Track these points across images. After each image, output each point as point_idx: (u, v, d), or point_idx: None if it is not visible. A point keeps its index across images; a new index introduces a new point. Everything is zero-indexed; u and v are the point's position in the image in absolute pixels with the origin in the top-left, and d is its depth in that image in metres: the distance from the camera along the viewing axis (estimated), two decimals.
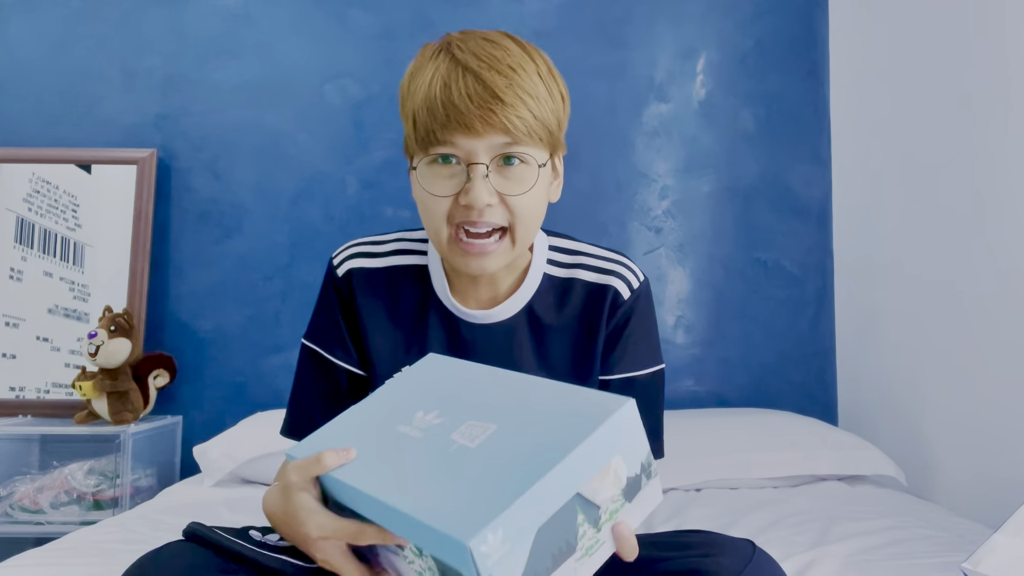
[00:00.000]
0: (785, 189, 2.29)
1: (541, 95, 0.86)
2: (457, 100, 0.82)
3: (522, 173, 0.87)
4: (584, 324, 0.97)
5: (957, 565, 1.08)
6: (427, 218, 0.90)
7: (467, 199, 0.85)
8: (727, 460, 1.72)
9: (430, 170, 0.87)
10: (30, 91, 2.26)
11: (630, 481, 0.62)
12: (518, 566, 0.55)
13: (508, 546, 0.54)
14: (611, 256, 1.00)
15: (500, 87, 0.83)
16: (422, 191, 0.89)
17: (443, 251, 0.91)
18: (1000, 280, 1.60)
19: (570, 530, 0.58)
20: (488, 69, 0.83)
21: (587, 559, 0.60)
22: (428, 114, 0.84)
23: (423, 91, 0.85)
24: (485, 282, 0.97)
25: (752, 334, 2.25)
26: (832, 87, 2.31)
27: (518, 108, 0.83)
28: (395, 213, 2.26)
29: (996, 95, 1.61)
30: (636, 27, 2.28)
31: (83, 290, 2.18)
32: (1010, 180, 1.57)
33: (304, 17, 2.29)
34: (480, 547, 0.53)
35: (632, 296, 0.97)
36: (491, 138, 0.84)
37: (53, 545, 1.26)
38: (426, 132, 0.85)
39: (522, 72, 0.85)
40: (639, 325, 0.98)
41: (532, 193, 0.87)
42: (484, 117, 0.82)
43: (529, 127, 0.84)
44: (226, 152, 2.26)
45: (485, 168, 0.85)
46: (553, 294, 0.98)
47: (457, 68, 0.84)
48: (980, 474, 1.65)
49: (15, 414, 2.09)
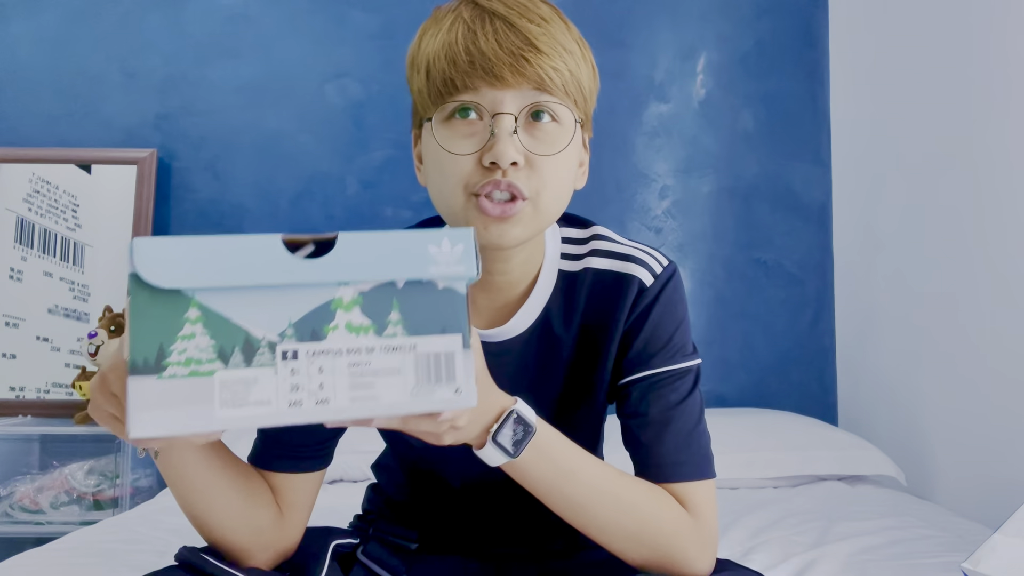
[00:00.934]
0: (785, 189, 2.29)
1: (575, 52, 0.75)
2: (484, 46, 0.71)
3: (554, 132, 0.74)
4: (595, 322, 0.84)
5: (957, 565, 1.08)
6: (440, 183, 0.75)
7: (491, 155, 0.71)
8: (727, 460, 1.72)
9: (446, 126, 0.74)
10: (30, 91, 2.26)
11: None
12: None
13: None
14: (629, 241, 0.88)
15: (534, 33, 0.72)
16: (436, 149, 0.74)
17: (458, 222, 0.76)
18: (1000, 280, 1.60)
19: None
20: (519, 16, 0.73)
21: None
22: (448, 61, 0.72)
23: (442, 39, 0.74)
24: (500, 285, 0.83)
25: (752, 334, 2.25)
26: (832, 87, 2.31)
27: (553, 58, 0.72)
28: (395, 213, 2.25)
29: (996, 95, 1.61)
30: (636, 27, 2.28)
31: (83, 290, 2.18)
32: (1010, 180, 1.57)
33: (304, 17, 2.29)
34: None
35: (657, 283, 0.83)
36: (521, 90, 0.72)
37: (53, 545, 1.26)
38: (444, 82, 0.73)
39: (556, 24, 0.74)
40: (666, 313, 0.83)
41: (563, 156, 0.75)
42: (515, 65, 0.71)
43: (564, 81, 0.73)
44: (226, 152, 2.26)
45: (513, 120, 0.72)
46: (564, 291, 0.85)
47: (483, 14, 0.73)
48: (980, 474, 1.65)
49: (15, 414, 2.09)
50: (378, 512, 1.00)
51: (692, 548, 0.77)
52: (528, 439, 0.70)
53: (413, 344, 0.52)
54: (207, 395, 0.49)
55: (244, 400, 0.49)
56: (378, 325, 0.51)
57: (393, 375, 0.51)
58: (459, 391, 0.52)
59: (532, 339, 0.84)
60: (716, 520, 0.80)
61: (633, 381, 0.83)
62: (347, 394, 0.50)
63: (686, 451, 0.79)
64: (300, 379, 0.50)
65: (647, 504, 0.76)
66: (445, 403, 0.52)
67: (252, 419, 0.49)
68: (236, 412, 0.49)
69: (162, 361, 0.48)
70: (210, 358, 0.49)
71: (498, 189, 0.72)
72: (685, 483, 0.79)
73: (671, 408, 0.81)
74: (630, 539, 0.76)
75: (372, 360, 0.51)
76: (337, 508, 1.18)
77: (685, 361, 0.83)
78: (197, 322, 0.49)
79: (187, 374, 0.48)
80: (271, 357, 0.50)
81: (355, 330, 0.51)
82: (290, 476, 0.81)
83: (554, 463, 0.72)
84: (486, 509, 0.92)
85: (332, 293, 0.51)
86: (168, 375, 0.48)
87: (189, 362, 0.49)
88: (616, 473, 0.77)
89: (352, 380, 0.51)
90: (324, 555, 0.81)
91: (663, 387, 0.81)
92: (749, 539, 1.33)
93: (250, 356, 0.49)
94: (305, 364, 0.50)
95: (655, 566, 0.76)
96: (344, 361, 0.51)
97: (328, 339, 0.51)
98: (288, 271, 0.50)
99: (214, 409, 0.49)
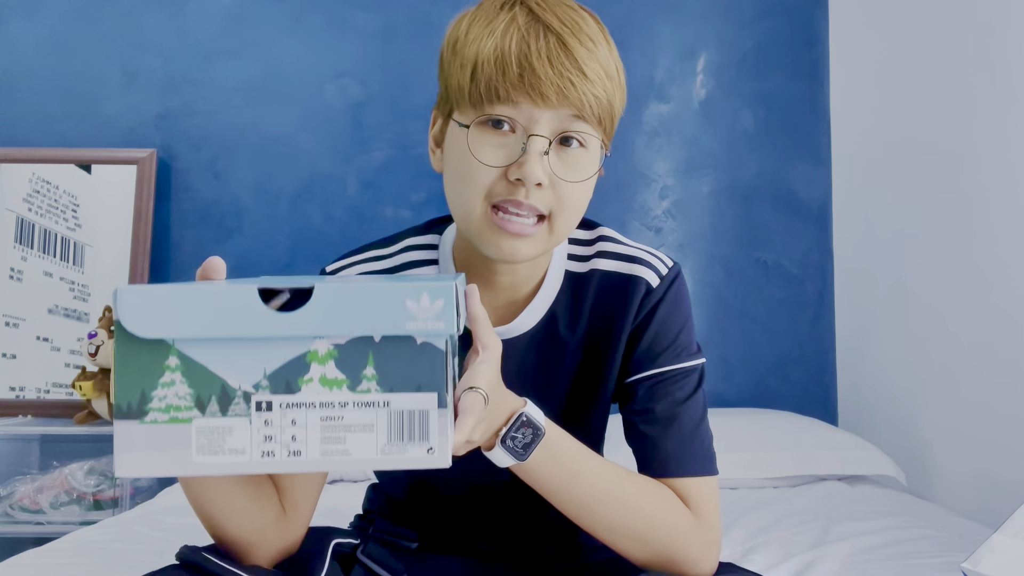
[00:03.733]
0: (785, 189, 2.29)
1: (615, 77, 0.76)
2: (535, 61, 0.71)
3: (581, 158, 0.75)
4: (602, 323, 0.85)
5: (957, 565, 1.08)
6: (460, 187, 0.76)
7: (519, 173, 0.72)
8: (727, 460, 1.71)
9: (478, 131, 0.74)
10: (30, 91, 2.26)
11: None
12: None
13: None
14: (634, 243, 0.88)
15: (584, 58, 0.72)
16: (464, 154, 0.74)
17: (471, 229, 0.76)
18: (1000, 280, 1.60)
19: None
20: (571, 35, 0.73)
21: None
22: (496, 67, 0.72)
23: (494, 40, 0.73)
24: (505, 285, 0.84)
25: (752, 334, 2.25)
26: (832, 87, 2.31)
27: (597, 86, 0.73)
28: (395, 213, 2.25)
29: (996, 95, 1.61)
30: (636, 27, 2.28)
31: (83, 290, 2.18)
32: (1010, 179, 1.57)
33: (304, 17, 2.29)
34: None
35: (663, 284, 0.84)
36: (560, 111, 0.73)
37: (53, 545, 1.26)
38: (488, 87, 0.72)
39: (602, 47, 0.75)
40: (671, 313, 0.84)
41: (586, 184, 0.77)
42: (562, 88, 0.71)
43: (601, 109, 0.74)
44: (226, 152, 2.26)
45: (547, 144, 0.73)
46: (571, 292, 0.86)
47: (538, 24, 0.73)
48: (980, 474, 1.65)
49: (15, 414, 2.09)
50: (379, 512, 1.00)
51: (696, 548, 0.77)
52: (537, 442, 0.70)
53: (387, 400, 0.51)
54: (185, 441, 0.50)
55: (219, 448, 0.51)
56: (352, 380, 0.51)
57: (365, 431, 0.51)
58: (432, 450, 0.52)
59: (537, 339, 0.85)
60: (719, 520, 0.81)
61: (639, 379, 0.84)
62: (318, 447, 0.51)
63: (689, 447, 0.81)
64: (273, 430, 0.51)
65: (652, 504, 0.77)
66: (417, 462, 0.52)
67: (227, 467, 0.51)
68: (212, 459, 0.50)
69: (144, 406, 0.50)
70: (188, 405, 0.51)
71: (519, 209, 0.74)
72: (688, 479, 0.80)
73: (676, 405, 0.82)
74: (635, 538, 0.76)
75: (345, 415, 0.51)
76: (337, 508, 1.18)
77: (690, 360, 0.84)
78: (176, 370, 0.51)
79: (167, 420, 0.50)
80: (246, 407, 0.51)
81: (329, 384, 0.51)
82: (294, 474, 0.81)
83: (562, 464, 0.73)
84: (487, 510, 0.92)
85: (307, 346, 0.51)
86: (150, 420, 0.50)
87: (169, 408, 0.51)
88: (622, 473, 0.77)
89: (324, 434, 0.51)
90: (324, 555, 0.81)
91: (669, 385, 0.83)
92: (749, 539, 1.33)
93: (226, 405, 0.51)
94: (278, 416, 0.51)
95: (659, 565, 0.77)
96: (317, 415, 0.51)
97: (302, 392, 0.51)
98: (264, 324, 0.50)
99: (191, 455, 0.50)
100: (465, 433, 0.57)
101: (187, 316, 0.50)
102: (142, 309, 0.50)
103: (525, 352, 0.85)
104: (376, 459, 0.51)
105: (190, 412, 0.51)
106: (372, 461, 0.52)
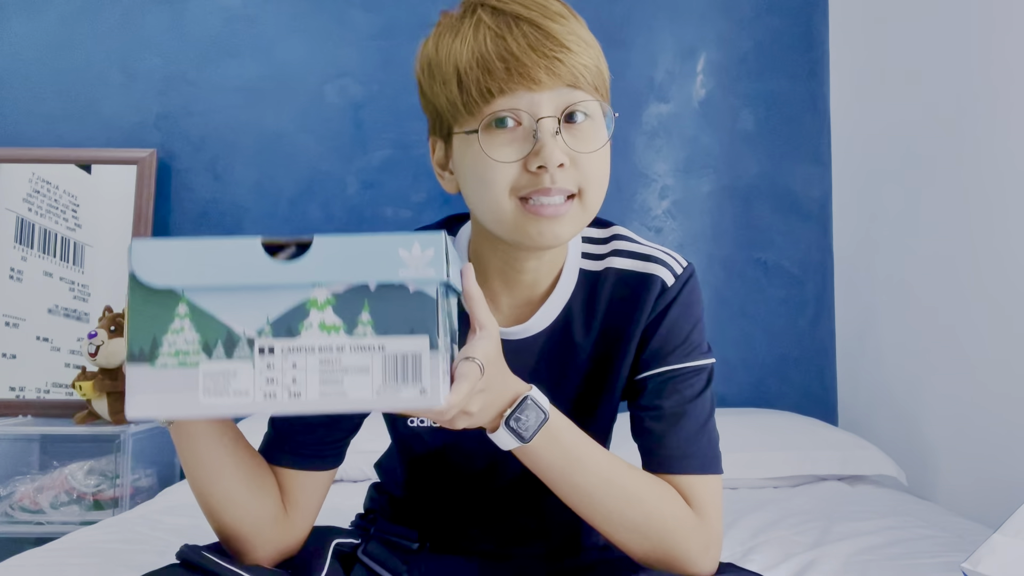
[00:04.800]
0: (785, 189, 2.29)
1: (594, 44, 0.77)
2: (517, 50, 0.72)
3: (590, 128, 0.76)
4: (616, 322, 0.85)
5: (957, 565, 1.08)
6: (484, 192, 0.75)
7: (540, 159, 0.72)
8: (727, 460, 1.71)
9: (487, 135, 0.74)
10: (30, 91, 2.26)
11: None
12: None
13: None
14: (649, 242, 0.89)
15: (561, 33, 0.73)
16: (479, 158, 0.74)
17: (506, 228, 0.76)
18: (1000, 279, 1.60)
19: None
20: (542, 17, 0.74)
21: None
22: (481, 69, 0.72)
23: (468, 47, 0.73)
24: (526, 283, 0.84)
25: (752, 334, 2.25)
26: (832, 87, 2.31)
27: (582, 55, 0.74)
28: (395, 213, 2.25)
29: (996, 94, 1.61)
30: (636, 27, 2.28)
31: (83, 290, 2.18)
32: (1010, 179, 1.57)
33: (304, 17, 2.29)
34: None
35: (677, 283, 0.84)
36: (557, 90, 0.73)
37: (53, 545, 1.26)
38: (480, 90, 0.73)
39: (573, 20, 0.76)
40: (684, 312, 0.84)
41: (604, 151, 0.78)
42: (550, 67, 0.72)
43: (593, 76, 0.76)
44: (226, 152, 2.26)
45: (556, 123, 0.73)
46: (586, 290, 0.86)
47: (506, 18, 0.74)
48: (980, 474, 1.65)
49: (15, 414, 2.09)
50: (380, 511, 1.00)
51: (694, 546, 0.77)
52: (541, 425, 0.71)
53: (382, 344, 0.54)
54: (192, 384, 0.54)
55: (224, 390, 0.54)
56: (349, 325, 0.54)
57: (361, 373, 0.54)
58: (424, 391, 0.54)
59: (552, 337, 0.85)
60: (721, 520, 0.81)
61: (649, 376, 0.84)
62: (317, 389, 0.54)
63: (695, 445, 0.81)
64: (275, 373, 0.54)
65: (653, 498, 0.77)
66: (410, 402, 0.55)
67: (232, 407, 0.54)
68: (217, 400, 0.54)
69: (155, 351, 0.54)
70: (196, 350, 0.54)
71: (548, 195, 0.74)
72: (691, 477, 0.80)
73: (685, 403, 0.82)
74: (633, 531, 0.77)
75: (342, 358, 0.54)
76: (338, 508, 1.18)
77: (701, 359, 0.85)
78: (185, 317, 0.54)
79: (176, 364, 0.54)
80: (249, 352, 0.54)
81: (327, 329, 0.54)
82: (295, 473, 0.81)
83: (564, 450, 0.74)
84: (488, 510, 0.92)
85: (307, 294, 0.54)
86: (160, 364, 0.54)
87: (178, 353, 0.54)
88: (625, 465, 0.78)
89: (322, 376, 0.54)
90: (325, 554, 0.81)
91: (678, 383, 0.83)
92: (749, 539, 1.33)
93: (231, 350, 0.54)
94: (280, 359, 0.54)
95: (656, 561, 0.77)
96: (316, 358, 0.54)
97: (302, 336, 0.54)
98: (267, 272, 0.54)
99: (198, 396, 0.54)
100: (460, 396, 0.59)
101: (195, 267, 0.54)
102: (154, 261, 0.54)
103: (540, 350, 0.85)
104: (372, 400, 0.54)
105: (197, 356, 0.54)
106: (368, 402, 0.54)
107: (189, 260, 0.54)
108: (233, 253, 0.54)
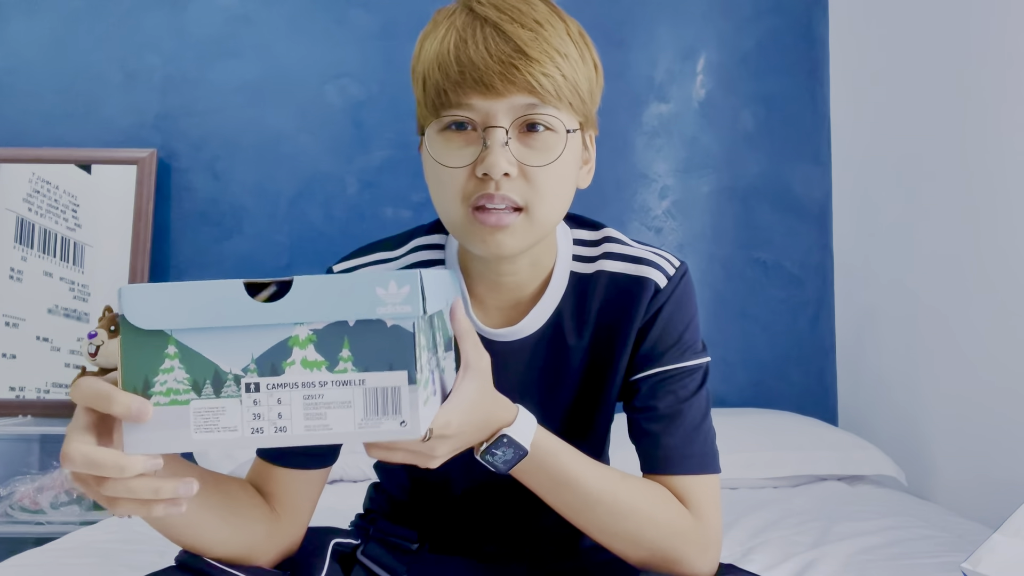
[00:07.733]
0: (785, 189, 2.29)
1: (572, 55, 0.74)
2: (474, 55, 0.71)
3: (547, 141, 0.74)
4: (609, 325, 0.84)
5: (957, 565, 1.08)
6: (438, 194, 0.76)
7: (483, 167, 0.72)
8: (727, 460, 1.71)
9: (442, 138, 0.75)
10: (30, 91, 2.26)
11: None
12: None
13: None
14: (640, 243, 0.87)
15: (524, 40, 0.71)
16: (432, 162, 0.76)
17: (458, 233, 0.77)
18: (1000, 279, 1.60)
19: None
20: (510, 22, 0.72)
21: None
22: (440, 72, 0.72)
23: (435, 48, 0.74)
24: (510, 286, 0.83)
25: (752, 334, 2.25)
26: (832, 87, 2.31)
27: (545, 64, 0.71)
28: (395, 213, 2.25)
29: (996, 94, 1.61)
30: (636, 27, 2.28)
31: (83, 290, 2.18)
32: (1009, 179, 1.57)
33: (304, 17, 2.29)
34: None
35: (670, 284, 0.83)
36: (513, 98, 0.71)
37: (53, 545, 1.26)
38: (437, 93, 0.73)
39: (550, 28, 0.73)
40: (677, 312, 0.83)
41: (557, 165, 0.74)
42: (505, 74, 0.70)
43: (558, 87, 0.72)
44: (226, 152, 2.26)
45: (504, 133, 0.72)
46: (576, 293, 0.85)
47: (475, 21, 0.73)
48: (980, 474, 1.65)
49: (15, 414, 2.09)
50: (380, 512, 1.00)
51: (692, 549, 0.77)
52: (518, 460, 0.71)
53: (362, 379, 0.56)
54: (185, 421, 0.56)
55: (215, 426, 0.56)
56: (330, 361, 0.56)
57: (344, 407, 0.56)
58: (404, 423, 0.56)
59: (543, 340, 0.85)
60: (720, 520, 0.81)
61: (643, 377, 0.84)
62: (302, 423, 0.56)
63: (692, 445, 0.81)
64: (262, 409, 0.56)
65: (647, 508, 0.77)
66: (391, 434, 0.56)
67: (222, 443, 0.56)
68: (208, 436, 0.56)
69: (148, 391, 0.56)
70: (186, 389, 0.56)
71: (491, 201, 0.73)
72: (689, 477, 0.80)
73: (680, 403, 0.82)
74: (628, 540, 0.77)
75: (325, 393, 0.56)
76: (337, 508, 1.18)
77: (695, 359, 0.84)
78: (175, 357, 0.56)
79: (168, 402, 0.56)
80: (236, 389, 0.56)
81: (309, 366, 0.56)
82: (288, 472, 0.80)
83: (549, 474, 0.74)
84: (488, 511, 0.92)
85: (289, 332, 0.56)
86: (153, 403, 0.56)
87: (169, 392, 0.56)
88: (616, 477, 0.77)
89: (307, 411, 0.56)
90: (324, 554, 0.81)
91: (673, 383, 0.83)
92: (749, 539, 1.33)
93: (219, 388, 0.56)
94: (265, 396, 0.56)
95: (655, 566, 0.77)
96: (300, 393, 0.56)
97: (286, 373, 0.56)
98: (250, 313, 0.56)
99: (191, 433, 0.56)
100: (397, 459, 0.64)
101: (183, 309, 0.56)
102: (143, 304, 0.56)
103: (532, 354, 0.85)
104: (355, 433, 0.56)
105: (188, 395, 0.56)
106: (351, 435, 0.56)
107: (176, 302, 0.56)
108: (217, 295, 0.56)
